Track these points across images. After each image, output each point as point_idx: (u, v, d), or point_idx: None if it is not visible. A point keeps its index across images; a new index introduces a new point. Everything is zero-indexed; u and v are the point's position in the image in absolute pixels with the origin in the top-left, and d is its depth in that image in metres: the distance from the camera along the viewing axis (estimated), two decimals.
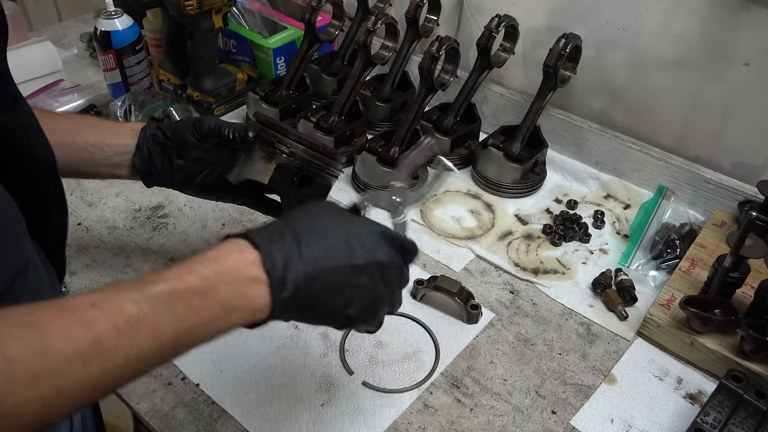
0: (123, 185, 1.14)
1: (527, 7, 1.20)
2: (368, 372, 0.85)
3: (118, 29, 1.23)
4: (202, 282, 0.50)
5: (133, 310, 0.46)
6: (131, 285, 0.49)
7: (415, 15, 1.20)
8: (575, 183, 1.20)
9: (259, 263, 0.52)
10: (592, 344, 0.90)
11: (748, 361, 0.82)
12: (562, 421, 0.81)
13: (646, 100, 1.15)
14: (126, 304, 0.47)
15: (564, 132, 1.20)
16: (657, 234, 1.04)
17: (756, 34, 0.98)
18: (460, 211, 1.13)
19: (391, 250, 0.60)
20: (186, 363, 0.84)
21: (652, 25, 1.08)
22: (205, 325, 0.51)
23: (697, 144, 1.12)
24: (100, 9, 1.24)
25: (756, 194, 1.01)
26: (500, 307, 0.95)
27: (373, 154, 1.12)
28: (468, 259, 1.03)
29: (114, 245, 1.02)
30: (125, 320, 0.46)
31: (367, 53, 1.14)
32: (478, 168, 1.17)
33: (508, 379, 0.85)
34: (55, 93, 1.30)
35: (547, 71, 1.10)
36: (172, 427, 0.78)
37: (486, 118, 1.29)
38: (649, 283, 0.98)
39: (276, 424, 0.79)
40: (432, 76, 1.09)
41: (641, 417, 0.81)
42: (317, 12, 1.22)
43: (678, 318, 0.88)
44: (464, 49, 1.21)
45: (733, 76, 1.03)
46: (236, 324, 0.53)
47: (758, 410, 0.76)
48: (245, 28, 1.39)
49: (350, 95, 1.19)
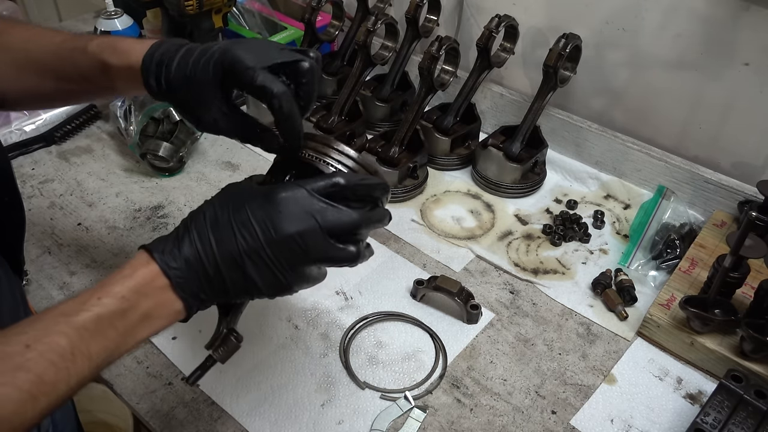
0: (123, 185, 1.14)
1: (527, 7, 1.20)
2: (368, 372, 0.85)
3: (118, 29, 1.23)
4: (121, 302, 0.55)
5: (65, 343, 0.50)
6: (59, 316, 0.52)
7: (415, 15, 1.20)
8: (575, 183, 1.20)
9: (162, 273, 0.57)
10: (592, 344, 0.90)
11: (748, 361, 0.82)
12: (562, 421, 0.81)
13: (646, 100, 1.15)
14: (57, 339, 0.50)
15: (564, 132, 1.20)
16: (657, 234, 1.04)
17: (756, 34, 0.98)
18: (460, 211, 1.13)
19: (302, 215, 0.58)
20: (186, 363, 0.84)
21: (652, 25, 1.08)
22: (132, 337, 0.56)
23: (697, 144, 1.12)
24: (100, 9, 1.24)
25: (756, 194, 1.01)
26: (500, 307, 0.95)
27: (373, 154, 1.12)
28: (468, 259, 1.03)
29: (114, 245, 1.02)
30: (60, 355, 0.50)
31: (367, 53, 1.14)
32: (478, 168, 1.17)
33: (508, 379, 0.85)
34: None
35: (547, 71, 1.10)
36: (172, 427, 0.78)
37: (486, 118, 1.29)
38: (649, 283, 0.98)
39: (276, 424, 0.79)
40: (432, 76, 1.09)
41: (641, 417, 0.81)
42: (317, 12, 1.22)
43: (678, 318, 0.88)
44: (464, 49, 1.21)
45: (733, 76, 1.03)
46: (162, 327, 0.58)
47: (758, 410, 0.76)
48: (245, 28, 1.39)
49: (350, 95, 1.19)
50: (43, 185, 1.14)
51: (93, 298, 0.54)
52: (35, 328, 0.51)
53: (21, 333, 0.50)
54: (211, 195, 0.63)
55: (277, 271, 0.59)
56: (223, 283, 0.59)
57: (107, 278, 0.56)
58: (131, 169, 1.18)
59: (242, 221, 0.58)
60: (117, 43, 0.70)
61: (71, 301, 0.54)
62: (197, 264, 0.58)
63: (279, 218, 0.58)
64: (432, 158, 1.20)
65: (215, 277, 0.58)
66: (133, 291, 0.56)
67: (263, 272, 0.58)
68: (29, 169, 1.17)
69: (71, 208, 1.09)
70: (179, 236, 0.59)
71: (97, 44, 0.70)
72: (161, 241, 0.59)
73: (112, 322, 0.54)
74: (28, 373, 0.48)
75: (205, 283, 0.58)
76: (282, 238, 0.57)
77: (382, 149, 1.14)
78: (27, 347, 0.49)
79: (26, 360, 0.48)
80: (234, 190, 0.62)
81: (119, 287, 0.55)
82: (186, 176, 1.17)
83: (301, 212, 0.58)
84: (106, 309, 0.54)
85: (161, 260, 0.57)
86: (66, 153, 1.21)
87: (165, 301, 0.57)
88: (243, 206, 0.59)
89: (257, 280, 0.59)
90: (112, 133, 1.25)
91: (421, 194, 1.15)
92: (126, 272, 0.57)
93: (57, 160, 1.20)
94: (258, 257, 0.58)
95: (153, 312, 0.57)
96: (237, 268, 0.58)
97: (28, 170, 1.17)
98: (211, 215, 0.59)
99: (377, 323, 0.92)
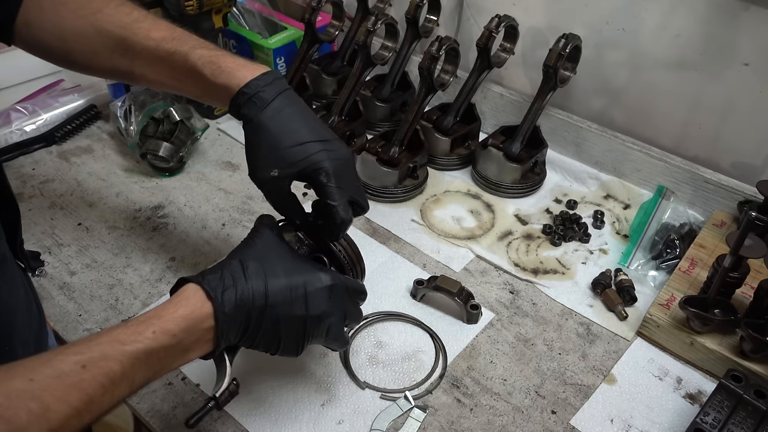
0: (123, 185, 1.14)
1: (527, 7, 1.20)
2: (368, 372, 0.85)
3: None
4: (171, 339, 0.59)
5: (118, 369, 0.55)
6: (115, 343, 0.56)
7: (415, 15, 1.20)
8: (575, 183, 1.20)
9: (212, 316, 0.62)
10: (592, 344, 0.90)
11: (748, 361, 0.82)
12: (561, 421, 0.81)
13: (646, 100, 1.15)
14: (112, 365, 0.54)
15: (564, 132, 1.20)
16: (657, 234, 1.04)
17: (756, 34, 0.98)
18: (460, 211, 1.13)
19: (331, 303, 0.69)
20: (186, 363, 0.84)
21: (652, 25, 1.08)
22: (168, 368, 0.61)
23: (696, 144, 1.12)
24: None
25: (756, 194, 1.01)
26: (500, 307, 0.95)
27: (373, 154, 1.12)
28: (468, 259, 1.03)
29: (114, 245, 1.03)
30: (111, 380, 0.54)
31: (367, 53, 1.14)
32: (478, 168, 1.17)
33: (508, 379, 0.85)
34: (55, 93, 1.30)
35: (547, 71, 1.10)
36: (172, 427, 0.78)
37: (486, 118, 1.29)
38: (648, 283, 0.99)
39: (276, 424, 0.79)
40: (432, 76, 1.09)
41: (641, 417, 0.81)
42: (317, 12, 1.22)
43: (678, 318, 0.88)
44: (464, 49, 1.21)
45: (733, 76, 1.03)
46: (191, 360, 0.63)
47: (758, 410, 0.76)
48: (245, 29, 1.39)
49: (350, 95, 1.19)
50: (44, 185, 1.14)
51: (148, 331, 0.58)
52: (91, 350, 0.54)
53: (78, 353, 0.53)
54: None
55: (300, 341, 0.68)
56: (255, 336, 0.65)
57: (164, 309, 0.60)
58: (131, 169, 1.18)
59: (298, 293, 0.66)
60: (221, 60, 0.73)
61: (126, 328, 0.58)
62: (243, 315, 0.63)
63: (327, 303, 0.68)
64: (432, 158, 1.20)
65: (253, 330, 0.65)
66: (184, 330, 0.60)
67: (291, 338, 0.67)
68: (29, 169, 1.17)
69: (71, 208, 1.09)
70: (235, 281, 0.63)
71: (199, 57, 0.73)
72: (217, 281, 0.63)
73: (159, 355, 0.58)
74: (81, 392, 0.52)
75: (241, 332, 0.64)
76: (319, 318, 0.68)
77: (382, 149, 1.14)
78: (83, 368, 0.53)
79: (80, 380, 0.52)
80: (284, 251, 0.69)
81: (173, 326, 0.59)
82: (186, 176, 1.17)
83: (339, 302, 0.70)
84: (158, 344, 0.58)
85: (219, 307, 0.62)
86: (66, 153, 1.21)
87: (204, 339, 0.62)
88: (301, 277, 0.67)
89: (284, 342, 0.67)
90: (113, 133, 1.25)
91: (421, 194, 1.15)
92: (182, 312, 0.60)
93: (57, 160, 1.20)
94: (297, 324, 0.67)
95: (191, 347, 0.62)
96: (276, 329, 0.66)
97: (28, 170, 1.17)
98: (272, 272, 0.66)
99: (377, 323, 0.92)
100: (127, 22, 0.76)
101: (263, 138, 0.71)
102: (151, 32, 0.75)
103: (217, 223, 1.07)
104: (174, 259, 1.01)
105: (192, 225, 1.07)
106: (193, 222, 1.07)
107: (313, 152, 0.70)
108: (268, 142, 0.71)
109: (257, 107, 0.70)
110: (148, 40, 0.74)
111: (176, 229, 1.06)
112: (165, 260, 1.00)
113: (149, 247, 1.02)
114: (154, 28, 0.75)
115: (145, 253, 1.01)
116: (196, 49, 0.74)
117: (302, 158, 0.70)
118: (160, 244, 1.03)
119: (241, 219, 1.08)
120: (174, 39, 0.74)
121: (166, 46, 0.74)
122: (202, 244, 1.03)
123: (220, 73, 0.72)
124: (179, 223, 1.07)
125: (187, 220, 1.08)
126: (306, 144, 0.70)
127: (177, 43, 0.74)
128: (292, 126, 0.71)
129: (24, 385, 0.50)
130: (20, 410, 0.48)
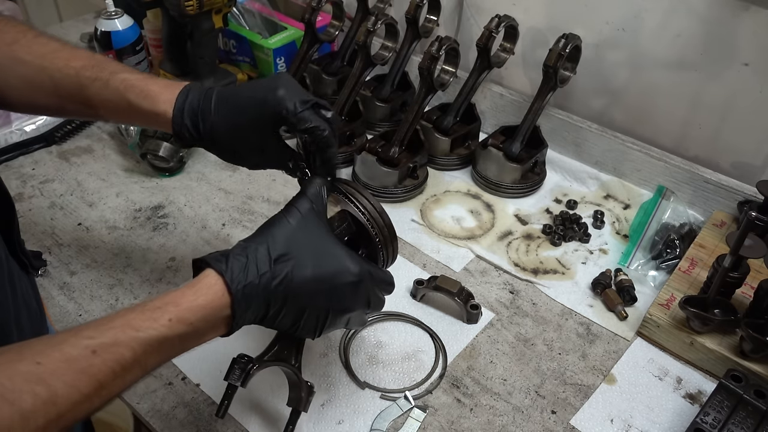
0: (123, 185, 1.14)
1: (527, 8, 1.20)
2: (368, 372, 0.85)
3: (119, 29, 1.23)
4: (188, 328, 0.58)
5: (129, 356, 0.54)
6: (127, 328, 0.55)
7: (415, 15, 1.20)
8: (575, 183, 1.20)
9: (230, 306, 0.60)
10: (592, 344, 0.90)
11: (748, 360, 0.82)
12: (561, 420, 0.81)
13: (646, 100, 1.15)
14: (122, 351, 0.53)
15: (564, 132, 1.20)
16: (657, 234, 1.04)
17: (756, 34, 0.98)
18: (460, 211, 1.13)
19: (357, 296, 0.68)
20: (186, 363, 0.84)
21: (652, 25, 1.08)
22: (182, 351, 0.60)
23: (696, 144, 1.12)
24: (101, 9, 1.24)
25: (755, 194, 1.01)
26: (500, 307, 0.95)
27: (373, 154, 1.12)
28: (468, 259, 1.03)
29: (114, 245, 1.03)
30: (122, 366, 0.53)
31: (367, 53, 1.14)
32: (478, 168, 1.18)
33: (508, 379, 0.85)
34: None
35: (546, 71, 1.10)
36: (172, 427, 0.78)
37: (486, 118, 1.29)
38: (648, 283, 0.99)
39: (276, 424, 0.79)
40: (432, 76, 1.09)
41: (641, 417, 0.81)
42: (317, 12, 1.22)
43: (678, 318, 0.88)
44: (464, 49, 1.21)
45: (733, 76, 1.03)
46: (204, 342, 0.62)
47: (758, 410, 0.76)
48: (245, 29, 1.39)
49: (350, 95, 1.19)
50: (44, 185, 1.14)
51: (164, 319, 0.56)
52: (103, 335, 0.53)
53: (88, 338, 0.52)
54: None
55: (320, 328, 0.67)
56: (273, 321, 0.65)
57: (183, 296, 0.59)
58: (131, 169, 1.18)
59: (324, 286, 0.65)
60: (141, 84, 0.72)
61: (140, 313, 0.56)
62: (263, 304, 0.62)
63: (353, 297, 0.67)
64: (432, 158, 1.20)
65: (272, 316, 0.64)
66: (201, 319, 0.59)
67: (310, 324, 0.66)
68: (30, 169, 1.17)
69: (71, 208, 1.09)
70: (260, 272, 0.61)
71: (121, 81, 0.72)
72: (241, 272, 0.61)
73: (173, 342, 0.57)
74: (90, 378, 0.51)
75: (260, 318, 0.64)
76: (342, 311, 0.67)
77: (382, 149, 1.14)
78: (93, 353, 0.52)
79: (90, 365, 0.51)
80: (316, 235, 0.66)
81: (191, 315, 0.58)
82: (186, 176, 1.17)
83: (364, 294, 0.68)
84: (173, 332, 0.57)
85: (239, 302, 0.60)
86: (66, 153, 1.21)
87: (219, 325, 0.61)
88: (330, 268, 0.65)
89: (303, 327, 0.66)
90: (112, 133, 1.25)
91: (421, 194, 1.15)
92: (201, 301, 0.59)
93: (57, 160, 1.20)
94: (318, 313, 0.66)
95: (206, 333, 0.61)
96: (297, 316, 0.65)
97: (28, 170, 1.17)
98: (300, 261, 0.63)
99: (377, 323, 0.92)
100: (44, 52, 0.74)
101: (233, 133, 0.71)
102: (70, 61, 0.73)
103: (217, 223, 1.07)
104: (174, 259, 1.01)
105: (192, 225, 1.07)
106: (193, 222, 1.07)
107: (264, 96, 0.70)
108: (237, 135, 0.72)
109: (203, 119, 0.71)
110: (68, 69, 0.72)
111: (176, 229, 1.06)
112: (165, 260, 1.00)
113: (149, 247, 1.02)
114: (73, 57, 0.74)
115: (145, 253, 1.01)
116: (117, 74, 0.72)
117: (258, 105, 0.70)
118: (160, 244, 1.03)
119: (241, 219, 1.08)
120: (94, 66, 0.73)
121: (86, 74, 0.72)
122: (202, 244, 1.04)
123: (144, 98, 0.71)
124: (179, 223, 1.07)
125: (187, 220, 1.08)
126: (255, 96, 0.71)
127: (97, 70, 0.73)
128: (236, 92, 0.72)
129: (30, 367, 0.49)
130: (25, 393, 0.47)
